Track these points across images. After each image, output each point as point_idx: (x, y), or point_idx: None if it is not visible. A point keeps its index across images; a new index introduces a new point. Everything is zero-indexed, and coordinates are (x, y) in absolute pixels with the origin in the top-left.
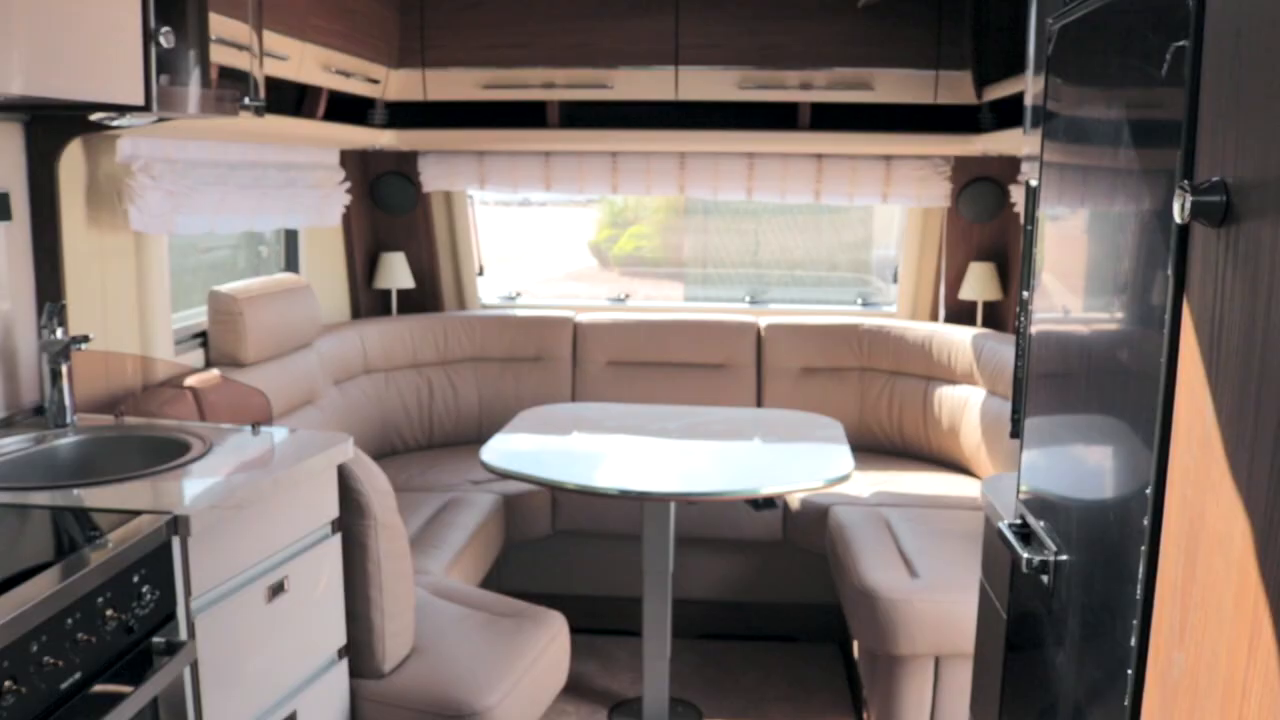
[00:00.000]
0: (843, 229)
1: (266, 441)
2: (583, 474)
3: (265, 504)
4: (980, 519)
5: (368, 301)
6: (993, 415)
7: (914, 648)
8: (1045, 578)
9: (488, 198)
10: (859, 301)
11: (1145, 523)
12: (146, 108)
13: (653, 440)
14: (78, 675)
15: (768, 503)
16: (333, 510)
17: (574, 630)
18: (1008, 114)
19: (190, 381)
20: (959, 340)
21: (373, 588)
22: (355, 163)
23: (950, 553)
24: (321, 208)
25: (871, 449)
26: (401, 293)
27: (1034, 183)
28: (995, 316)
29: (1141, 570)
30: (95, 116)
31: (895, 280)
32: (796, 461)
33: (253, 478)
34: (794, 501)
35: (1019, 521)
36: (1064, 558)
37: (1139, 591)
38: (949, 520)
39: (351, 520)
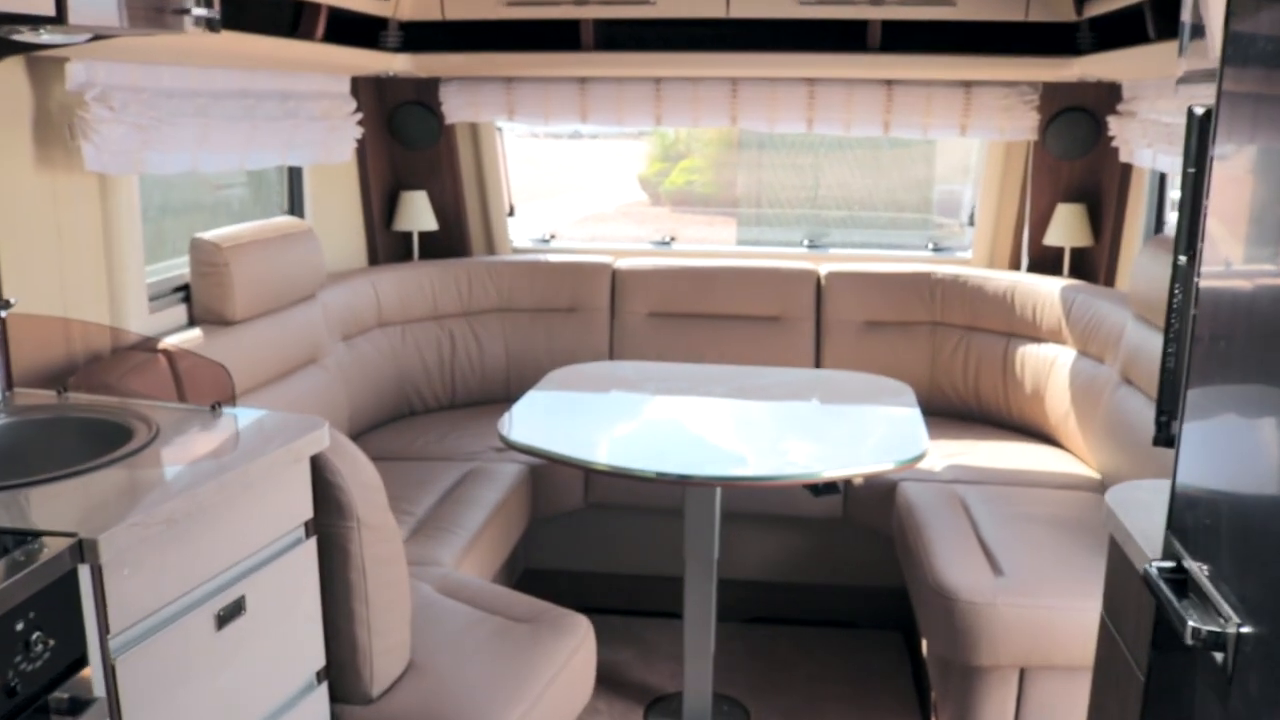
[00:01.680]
0: (905, 165)
1: (227, 426)
2: (616, 451)
3: (214, 511)
4: (1073, 501)
5: (386, 245)
6: (1084, 379)
7: (996, 658)
8: (1220, 655)
9: (537, 129)
10: (929, 246)
11: None
12: (59, 19)
13: (697, 409)
14: None
15: (829, 487)
16: (305, 510)
17: (609, 612)
18: (1110, 32)
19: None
20: (1045, 292)
21: (356, 600)
22: (371, 91)
23: (1038, 543)
24: (328, 142)
25: (944, 413)
26: (424, 235)
27: (1199, 109)
28: (1084, 265)
29: None
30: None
31: (971, 223)
32: (862, 436)
33: (197, 478)
34: (856, 477)
35: (1171, 565)
36: (1248, 630)
37: None
38: (1034, 501)
39: (329, 521)
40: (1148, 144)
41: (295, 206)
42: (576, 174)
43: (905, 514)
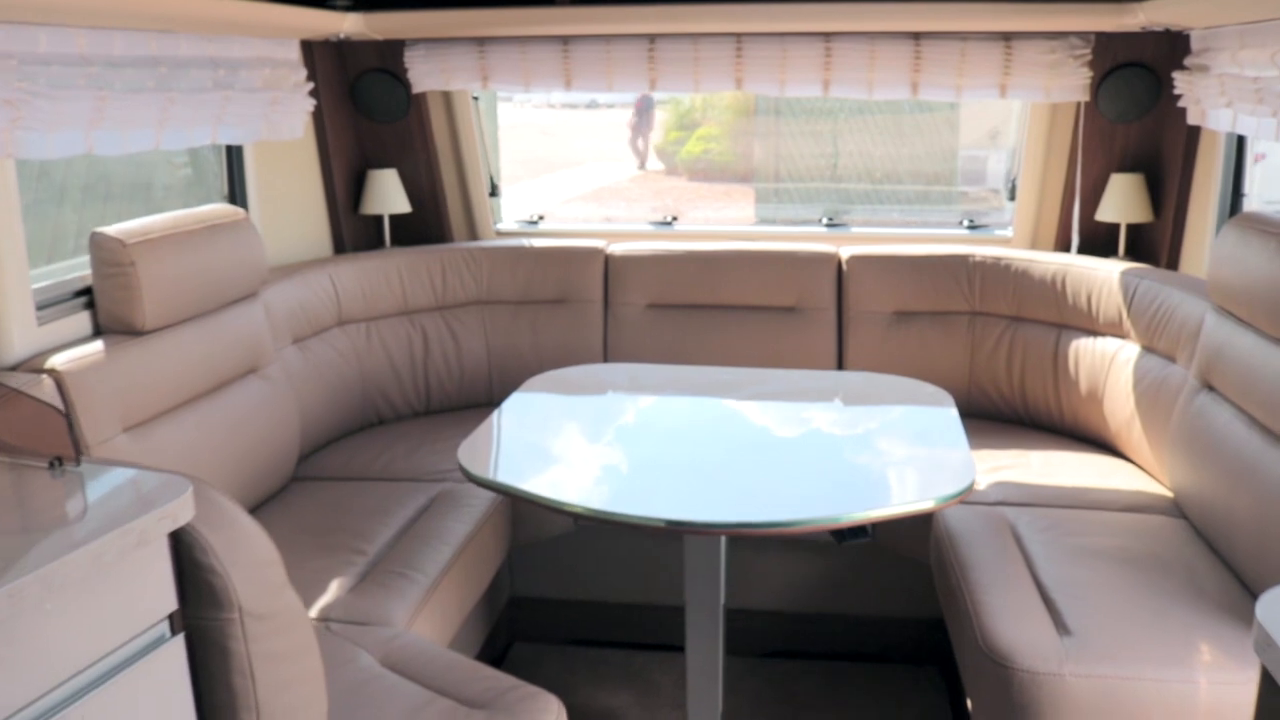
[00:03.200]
0: (929, 131)
1: (66, 493)
2: (596, 487)
3: (12, 622)
4: (1145, 528)
5: (354, 231)
6: (1152, 379)
7: None
8: None
9: (554, 99)
10: (963, 223)
11: None
12: None
13: (699, 426)
14: None
15: (856, 532)
16: (166, 601)
17: (605, 645)
18: None
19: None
20: (1102, 276)
21: (244, 710)
22: (329, 58)
23: (1110, 587)
24: (271, 116)
25: (985, 415)
26: (396, 219)
27: None
28: (1142, 244)
29: None
30: None
31: (1011, 197)
32: (895, 462)
33: None
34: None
35: None
36: None
37: None
38: (1098, 528)
39: (201, 613)
40: (1226, 103)
41: (236, 191)
42: (592, 144)
43: (946, 544)
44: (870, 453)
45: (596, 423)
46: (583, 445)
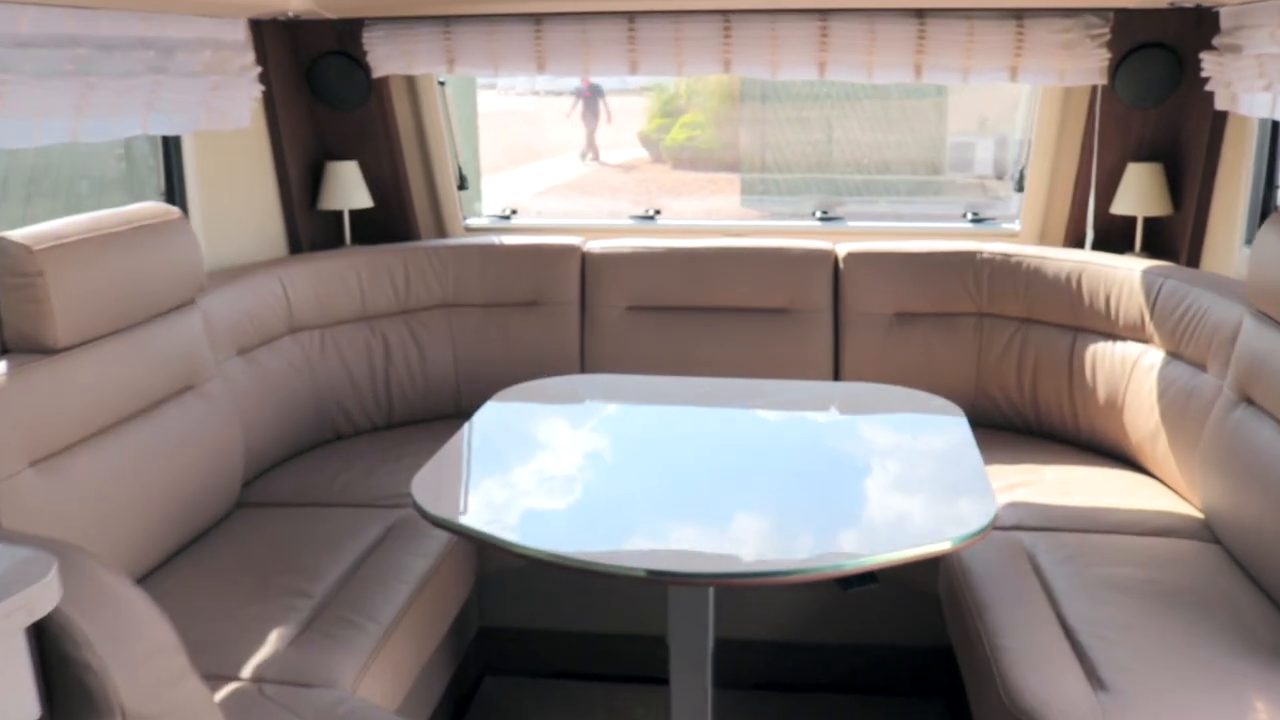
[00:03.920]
0: (915, 119)
1: None
2: (569, 528)
3: None
4: (1175, 555)
5: (311, 229)
6: (1180, 389)
7: None
8: None
9: (538, 86)
10: (967, 216)
11: None
12: None
13: (682, 450)
14: None
15: (864, 579)
16: (26, 710)
17: (584, 678)
18: None
19: None
20: (1121, 275)
21: None
22: (281, 40)
23: (1144, 629)
24: (213, 103)
25: (994, 425)
26: (357, 215)
27: None
28: (1160, 239)
29: None
30: None
31: (1019, 188)
32: (905, 492)
33: None
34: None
35: None
36: None
37: None
38: (1125, 556)
39: (74, 719)
40: (1265, 85)
41: (174, 187)
42: (577, 132)
43: (958, 577)
44: (876, 482)
45: (569, 447)
46: (552, 475)
